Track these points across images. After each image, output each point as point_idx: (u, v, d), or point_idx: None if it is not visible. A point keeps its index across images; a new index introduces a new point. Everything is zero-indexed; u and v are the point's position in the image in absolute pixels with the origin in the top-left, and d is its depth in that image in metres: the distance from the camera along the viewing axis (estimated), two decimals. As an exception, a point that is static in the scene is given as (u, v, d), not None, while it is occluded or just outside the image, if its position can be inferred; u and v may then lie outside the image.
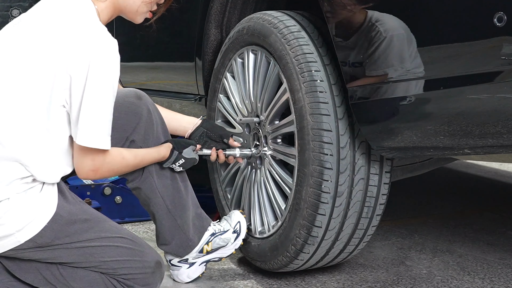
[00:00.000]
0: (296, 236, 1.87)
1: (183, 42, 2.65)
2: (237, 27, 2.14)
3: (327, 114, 1.77)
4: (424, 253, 2.34)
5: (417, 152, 1.72)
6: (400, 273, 2.13)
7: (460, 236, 2.56)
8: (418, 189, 3.36)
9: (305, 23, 1.91)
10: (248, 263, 2.16)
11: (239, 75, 2.14)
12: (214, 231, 1.99)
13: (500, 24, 1.32)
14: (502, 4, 1.33)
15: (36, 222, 1.58)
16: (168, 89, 2.88)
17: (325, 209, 1.80)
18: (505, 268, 2.21)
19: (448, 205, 3.09)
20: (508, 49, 1.33)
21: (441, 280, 2.08)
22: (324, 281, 2.05)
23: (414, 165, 2.16)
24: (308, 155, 1.80)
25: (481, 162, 4.12)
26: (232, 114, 2.19)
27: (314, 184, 1.79)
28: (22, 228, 1.57)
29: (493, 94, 1.39)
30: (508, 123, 1.39)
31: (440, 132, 1.54)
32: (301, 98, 1.80)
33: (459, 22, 1.44)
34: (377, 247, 2.40)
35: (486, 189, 3.56)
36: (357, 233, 1.93)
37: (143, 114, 1.84)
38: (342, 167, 1.79)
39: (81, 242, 1.65)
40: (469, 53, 1.42)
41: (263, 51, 2.00)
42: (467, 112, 1.47)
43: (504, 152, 1.51)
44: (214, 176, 2.32)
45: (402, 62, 1.55)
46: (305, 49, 1.83)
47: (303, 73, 1.81)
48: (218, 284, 2.02)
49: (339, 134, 1.78)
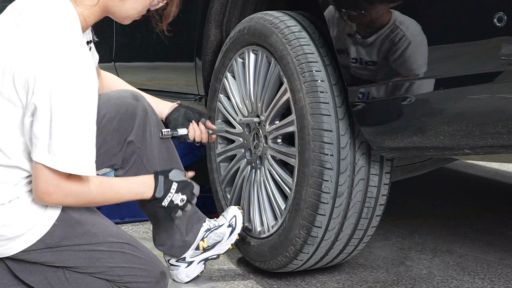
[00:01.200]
0: (296, 236, 1.87)
1: (183, 42, 2.65)
2: (238, 27, 2.14)
3: (327, 114, 1.77)
4: (424, 253, 2.34)
5: (417, 152, 1.72)
6: (400, 273, 2.13)
7: (460, 236, 2.56)
8: (418, 189, 3.36)
9: (306, 23, 1.91)
10: (248, 263, 2.16)
11: (239, 75, 2.15)
12: (209, 227, 1.98)
13: (500, 24, 1.32)
14: (502, 4, 1.33)
15: (45, 219, 1.56)
16: (168, 89, 2.88)
17: (325, 209, 1.81)
18: (505, 268, 2.21)
19: (448, 205, 3.09)
20: (508, 49, 1.33)
21: (441, 280, 2.08)
22: (324, 281, 2.05)
23: (414, 165, 2.16)
24: (308, 155, 1.80)
25: (481, 162, 4.12)
26: (232, 114, 2.19)
27: (314, 184, 1.79)
28: (32, 227, 1.55)
29: (493, 94, 1.40)
30: (508, 123, 1.39)
31: (440, 132, 1.54)
32: (302, 98, 1.80)
33: (459, 22, 1.44)
34: (377, 247, 2.40)
35: (486, 189, 3.56)
36: (356, 234, 1.93)
37: (140, 114, 1.81)
38: (342, 168, 1.79)
39: (89, 245, 1.61)
40: (469, 53, 1.42)
41: (264, 51, 2.00)
42: (467, 112, 1.47)
43: (504, 152, 1.51)
44: (214, 176, 2.32)
45: (402, 62, 1.55)
46: (306, 49, 1.83)
47: (304, 73, 1.81)
48: (218, 284, 2.02)
49: (339, 134, 1.78)
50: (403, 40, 1.54)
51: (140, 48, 3.15)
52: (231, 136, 2.22)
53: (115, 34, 3.30)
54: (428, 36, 1.50)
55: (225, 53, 2.21)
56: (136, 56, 3.19)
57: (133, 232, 2.57)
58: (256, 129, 2.07)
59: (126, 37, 3.26)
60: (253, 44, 2.05)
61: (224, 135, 2.25)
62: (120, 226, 2.64)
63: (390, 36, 1.57)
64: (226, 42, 2.21)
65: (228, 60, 2.20)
